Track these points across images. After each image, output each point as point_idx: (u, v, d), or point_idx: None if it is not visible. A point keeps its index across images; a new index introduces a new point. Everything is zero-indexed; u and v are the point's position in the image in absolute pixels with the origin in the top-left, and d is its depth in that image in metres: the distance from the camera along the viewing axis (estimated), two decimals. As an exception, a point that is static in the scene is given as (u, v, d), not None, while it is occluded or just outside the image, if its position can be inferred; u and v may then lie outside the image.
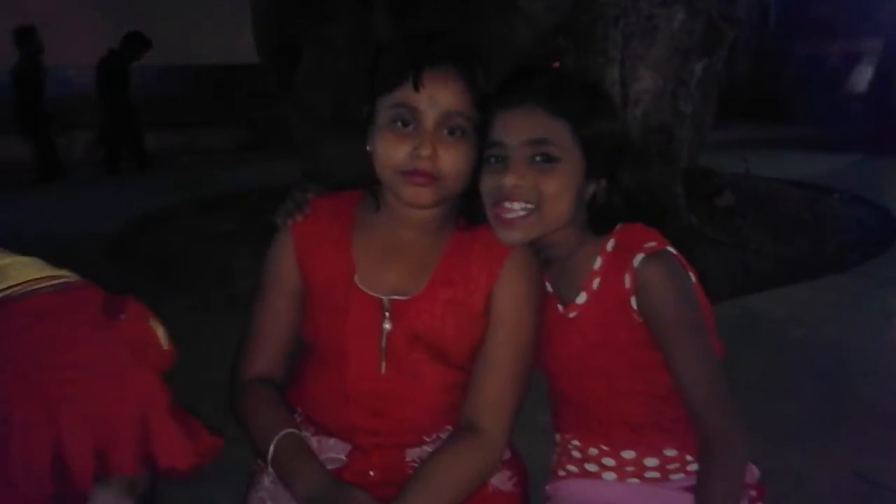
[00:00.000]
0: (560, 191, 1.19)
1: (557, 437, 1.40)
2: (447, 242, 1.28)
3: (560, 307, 1.29)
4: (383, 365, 1.25)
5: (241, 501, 1.29)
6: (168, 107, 8.28)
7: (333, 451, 1.29)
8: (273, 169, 4.76)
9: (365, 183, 1.34)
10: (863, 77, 8.47)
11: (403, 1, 3.58)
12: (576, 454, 1.35)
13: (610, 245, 1.25)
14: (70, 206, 5.30)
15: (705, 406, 1.21)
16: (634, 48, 3.38)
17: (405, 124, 1.18)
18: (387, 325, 1.25)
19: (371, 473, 1.27)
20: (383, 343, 1.25)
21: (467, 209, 1.28)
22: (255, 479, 1.31)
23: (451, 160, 1.18)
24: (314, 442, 1.28)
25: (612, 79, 3.38)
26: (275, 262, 1.31)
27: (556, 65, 1.29)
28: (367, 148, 1.24)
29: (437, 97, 1.17)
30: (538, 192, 1.19)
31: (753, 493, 1.31)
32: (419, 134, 1.17)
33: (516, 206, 1.19)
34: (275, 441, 1.21)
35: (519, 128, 1.19)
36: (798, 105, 7.87)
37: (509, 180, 1.18)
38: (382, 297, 1.25)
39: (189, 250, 4.02)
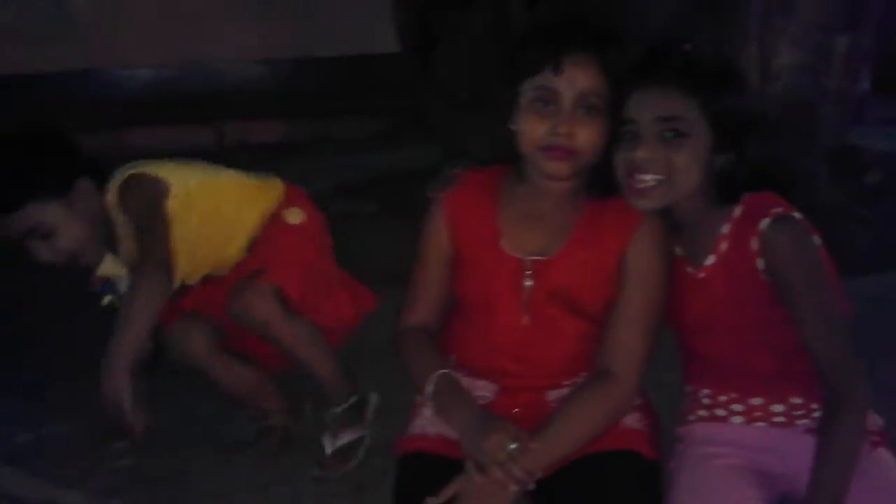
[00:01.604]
0: (689, 164, 1.31)
1: (688, 388, 1.52)
2: (582, 210, 1.43)
3: (690, 269, 1.40)
4: (525, 317, 1.42)
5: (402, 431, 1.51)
6: (306, 98, 8.62)
7: (482, 390, 1.47)
8: (408, 154, 4.97)
9: (500, 160, 1.50)
10: None
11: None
12: (706, 401, 1.47)
13: (738, 212, 1.36)
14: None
15: (829, 361, 1.29)
16: (773, 23, 3.33)
17: (546, 104, 1.33)
18: (528, 283, 1.41)
19: (516, 411, 1.44)
20: (525, 298, 1.41)
21: (601, 180, 1.41)
22: (416, 410, 1.52)
23: (586, 136, 1.33)
24: (465, 382, 1.46)
25: (751, 54, 3.35)
26: (429, 233, 1.51)
27: (689, 47, 1.39)
28: (511, 127, 1.40)
29: (575, 80, 1.32)
30: (668, 165, 1.31)
31: (877, 438, 1.37)
32: (558, 113, 1.33)
33: (647, 177, 1.33)
34: (434, 379, 1.41)
35: (651, 105, 1.31)
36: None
37: (641, 154, 1.31)
38: (524, 258, 1.41)
39: (335, 230, 4.30)
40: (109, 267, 1.80)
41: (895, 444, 1.41)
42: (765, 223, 1.31)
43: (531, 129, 1.36)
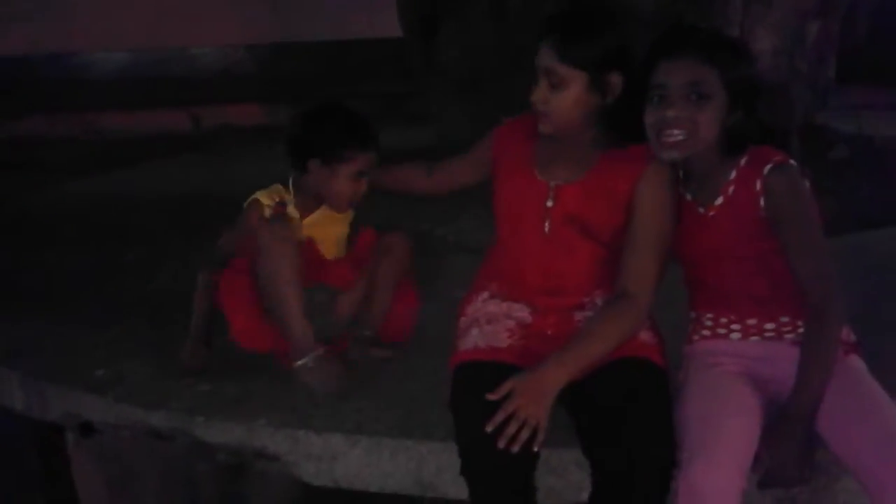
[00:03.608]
0: (710, 121, 1.61)
1: (693, 314, 1.82)
2: (604, 153, 1.74)
3: (701, 209, 1.70)
4: (546, 232, 1.74)
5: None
6: (284, 82, 8.63)
7: (519, 311, 1.77)
8: (408, 135, 5.17)
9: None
10: None
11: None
12: (708, 323, 1.76)
13: (744, 161, 1.66)
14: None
15: (812, 280, 1.60)
16: (754, 10, 3.66)
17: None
18: (549, 203, 1.71)
19: (549, 332, 1.74)
20: (546, 216, 1.73)
21: (619, 129, 1.72)
22: (462, 331, 1.87)
23: (556, 103, 1.68)
24: (504, 306, 1.76)
25: (732, 39, 3.66)
26: (480, 144, 1.95)
27: (702, 25, 1.71)
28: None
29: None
30: (693, 122, 1.60)
31: (849, 347, 1.68)
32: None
33: (676, 132, 1.61)
34: None
35: (679, 72, 1.60)
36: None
37: (671, 113, 1.60)
38: (549, 182, 1.70)
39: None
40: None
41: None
42: (767, 168, 1.61)
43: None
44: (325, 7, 8.41)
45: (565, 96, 1.67)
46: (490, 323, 1.79)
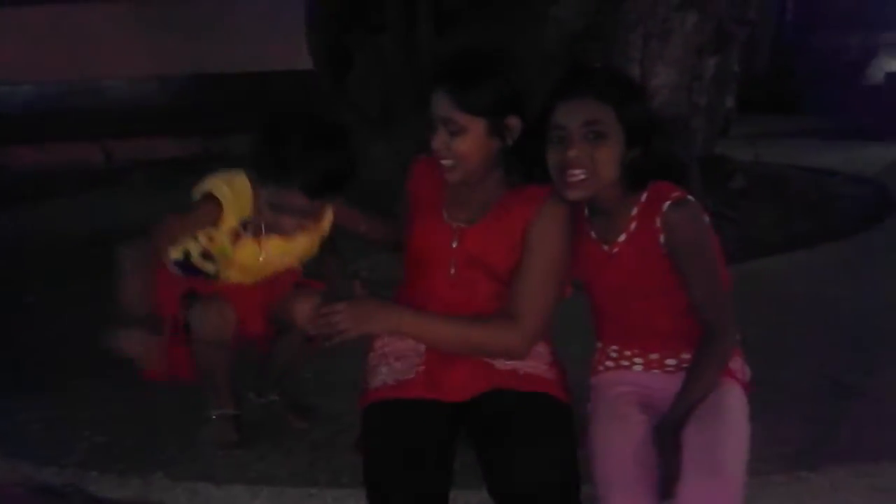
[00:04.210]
0: (609, 158, 1.64)
1: (599, 345, 1.85)
2: (504, 194, 1.77)
3: (605, 247, 1.74)
4: (452, 273, 1.76)
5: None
6: (197, 115, 8.51)
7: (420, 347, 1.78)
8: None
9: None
10: (881, 69, 8.65)
11: (445, 14, 4.04)
12: (613, 355, 1.80)
13: (644, 197, 1.70)
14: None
15: (707, 306, 1.65)
16: (652, 48, 3.81)
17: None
18: (454, 244, 1.75)
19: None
20: (452, 258, 1.77)
21: (518, 170, 1.76)
22: (371, 370, 1.85)
23: (457, 148, 1.69)
24: (412, 342, 1.77)
25: (633, 75, 3.80)
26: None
27: (599, 66, 1.77)
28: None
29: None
30: (593, 161, 1.63)
31: (742, 379, 1.73)
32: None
33: (577, 172, 1.64)
34: None
35: (576, 113, 1.64)
36: (815, 97, 8.13)
37: (571, 153, 1.63)
38: (454, 225, 1.75)
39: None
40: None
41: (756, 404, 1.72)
42: (666, 205, 1.66)
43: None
44: (240, 38, 8.32)
45: (466, 142, 1.69)
46: (399, 360, 1.79)
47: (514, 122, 1.71)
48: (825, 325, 2.68)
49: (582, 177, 1.64)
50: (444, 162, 1.72)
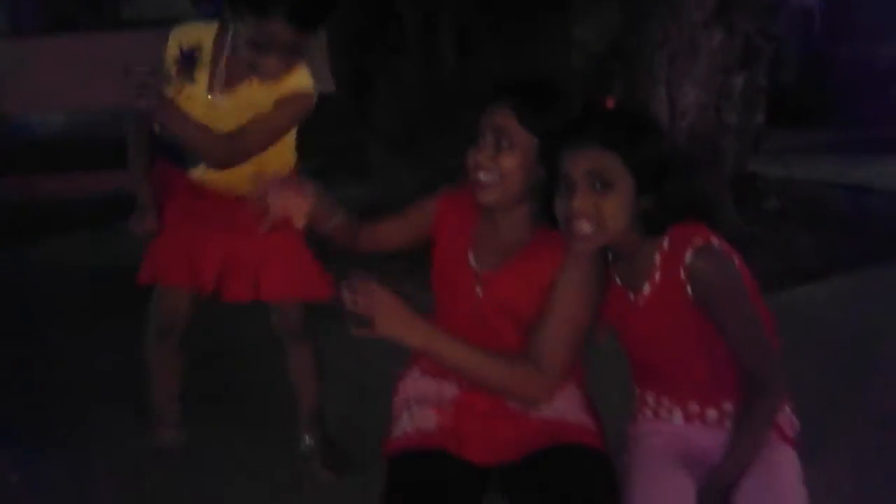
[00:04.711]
0: (617, 209, 1.53)
1: (637, 391, 1.75)
2: (531, 238, 1.67)
3: (631, 296, 1.63)
4: (476, 322, 1.66)
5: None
6: None
7: (450, 389, 1.71)
8: (346, 192, 5.12)
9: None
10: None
11: (465, 38, 3.99)
12: (651, 403, 1.70)
13: (665, 244, 1.58)
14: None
15: (752, 358, 1.54)
16: (679, 67, 3.71)
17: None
18: (479, 291, 1.66)
19: (479, 408, 1.67)
20: (476, 305, 1.67)
21: (547, 213, 1.66)
22: (396, 414, 1.77)
23: (502, 164, 1.60)
24: (435, 384, 1.71)
25: (660, 96, 3.72)
26: (417, 209, 1.82)
27: (610, 103, 1.64)
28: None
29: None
30: (599, 212, 1.53)
31: (789, 435, 1.62)
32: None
33: (583, 223, 1.53)
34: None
35: (579, 162, 1.52)
36: (845, 109, 7.98)
37: (576, 203, 1.53)
38: (478, 269, 1.65)
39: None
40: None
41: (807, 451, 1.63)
42: (688, 255, 1.54)
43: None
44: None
45: (514, 158, 1.60)
46: (419, 404, 1.71)
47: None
48: (874, 361, 2.55)
49: (588, 229, 1.53)
50: (483, 177, 1.62)
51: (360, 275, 1.44)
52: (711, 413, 1.63)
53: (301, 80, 1.85)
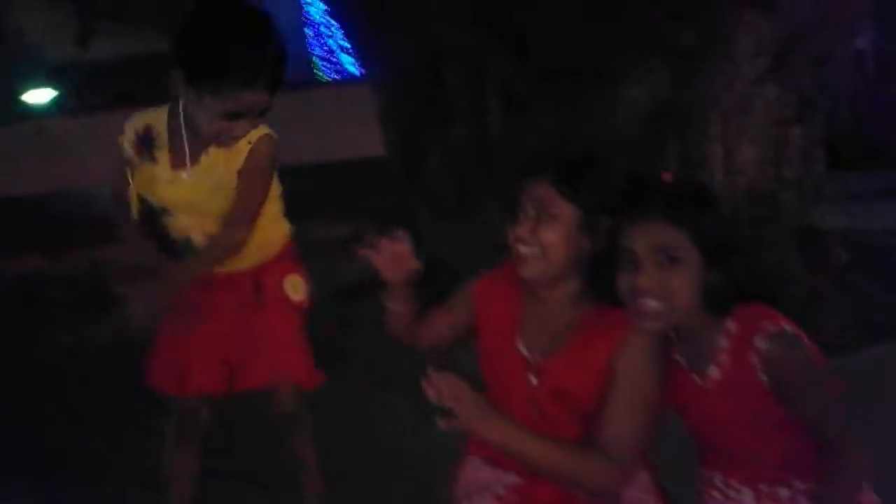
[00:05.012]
0: (685, 285, 1.48)
1: (703, 471, 1.68)
2: (583, 317, 1.61)
3: (696, 378, 1.57)
4: (533, 413, 1.60)
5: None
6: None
7: (511, 479, 1.66)
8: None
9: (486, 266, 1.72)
10: (973, 116, 8.23)
11: (512, 102, 4.00)
12: (719, 484, 1.63)
13: (732, 326, 1.53)
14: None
15: (832, 436, 1.47)
16: (733, 124, 3.65)
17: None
18: (533, 381, 1.59)
19: (541, 499, 1.63)
20: (530, 395, 1.62)
21: (596, 291, 1.61)
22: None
23: (543, 237, 1.58)
24: (495, 474, 1.66)
25: (715, 154, 3.65)
26: (458, 293, 1.79)
27: (667, 176, 1.60)
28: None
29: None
30: (668, 289, 1.48)
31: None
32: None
33: (651, 301, 1.49)
34: None
35: (644, 237, 1.48)
36: (901, 151, 7.74)
37: (642, 281, 1.48)
38: (530, 357, 1.60)
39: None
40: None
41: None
42: (761, 342, 1.48)
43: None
44: (319, 128, 8.58)
45: (555, 231, 1.56)
46: (479, 493, 1.65)
47: (604, 223, 1.57)
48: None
49: (656, 306, 1.48)
50: (524, 250, 1.59)
51: (441, 370, 1.44)
52: (784, 493, 1.56)
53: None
